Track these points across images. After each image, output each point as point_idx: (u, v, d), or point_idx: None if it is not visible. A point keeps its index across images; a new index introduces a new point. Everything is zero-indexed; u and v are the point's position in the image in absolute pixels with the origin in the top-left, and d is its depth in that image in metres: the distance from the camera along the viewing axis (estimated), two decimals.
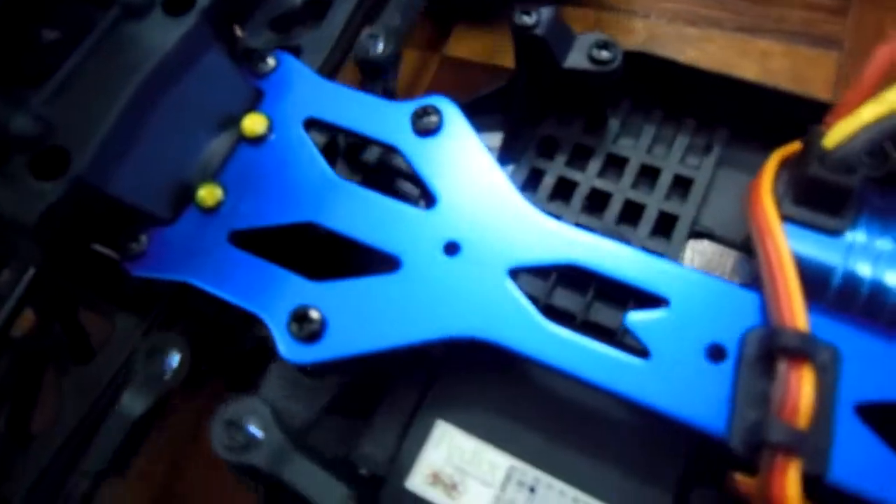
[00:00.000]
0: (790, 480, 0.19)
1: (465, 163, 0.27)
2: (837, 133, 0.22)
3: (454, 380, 0.26)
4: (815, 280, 0.23)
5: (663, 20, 0.53)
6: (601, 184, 0.31)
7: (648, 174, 0.32)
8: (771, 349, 0.20)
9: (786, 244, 0.21)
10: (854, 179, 0.22)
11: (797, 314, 0.20)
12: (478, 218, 0.26)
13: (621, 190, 0.31)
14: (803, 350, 0.20)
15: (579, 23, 0.54)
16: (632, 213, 0.31)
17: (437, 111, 0.28)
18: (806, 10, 0.51)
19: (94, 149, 0.24)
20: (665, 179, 0.31)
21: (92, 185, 0.25)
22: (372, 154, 0.32)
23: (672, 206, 0.30)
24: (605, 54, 0.30)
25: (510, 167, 0.33)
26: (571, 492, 0.24)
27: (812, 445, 0.20)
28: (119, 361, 0.30)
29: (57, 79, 0.26)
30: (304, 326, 0.24)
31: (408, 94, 0.51)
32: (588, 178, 0.32)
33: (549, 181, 0.32)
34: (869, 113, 0.22)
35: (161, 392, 0.28)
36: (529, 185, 0.32)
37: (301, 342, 0.24)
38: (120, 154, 0.25)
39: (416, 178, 0.28)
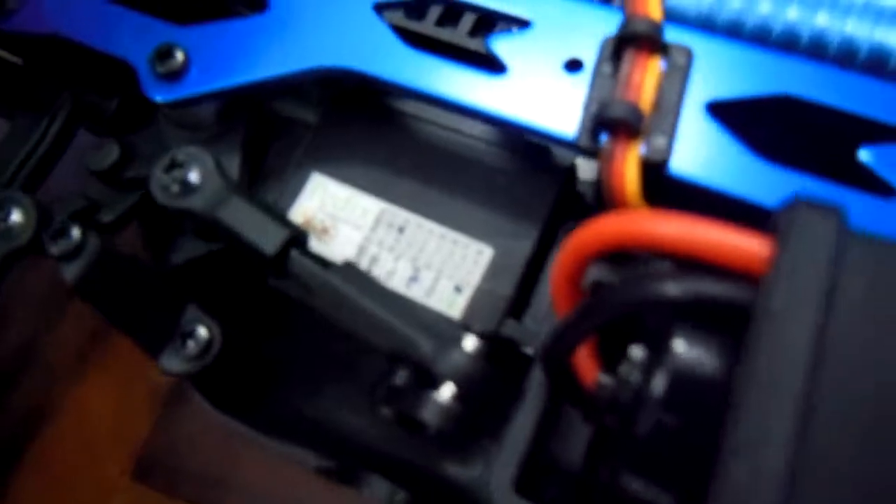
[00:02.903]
0: (629, 163, 0.19)
1: None
2: None
3: (330, 135, 0.26)
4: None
5: None
6: None
7: None
8: (622, 41, 0.20)
9: None
10: None
11: (650, 2, 0.20)
12: None
13: None
14: (651, 37, 0.19)
15: None
16: None
17: None
18: None
19: None
20: None
21: None
22: None
23: None
24: None
25: None
26: (439, 229, 0.24)
27: (653, 128, 0.19)
28: (16, 159, 0.30)
29: None
30: (167, 63, 0.24)
31: None
32: None
33: None
34: None
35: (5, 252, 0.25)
36: None
37: (165, 80, 0.24)
38: None
39: None
